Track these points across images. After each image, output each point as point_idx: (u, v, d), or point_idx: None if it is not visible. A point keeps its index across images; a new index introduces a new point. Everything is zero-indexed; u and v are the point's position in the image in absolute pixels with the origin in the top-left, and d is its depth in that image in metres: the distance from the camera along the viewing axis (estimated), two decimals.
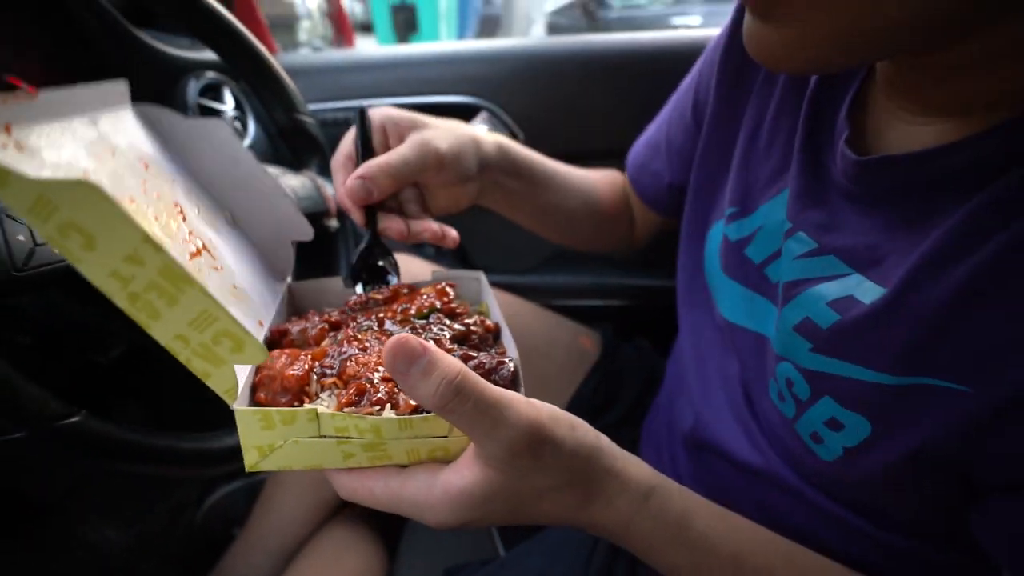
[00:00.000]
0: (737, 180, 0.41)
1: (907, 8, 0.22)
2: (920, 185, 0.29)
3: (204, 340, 0.24)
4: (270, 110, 0.61)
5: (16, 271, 0.30)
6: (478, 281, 0.37)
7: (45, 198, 0.19)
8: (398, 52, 0.94)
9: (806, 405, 0.33)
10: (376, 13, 4.36)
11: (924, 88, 0.29)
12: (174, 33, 0.77)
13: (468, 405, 0.22)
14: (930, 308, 0.27)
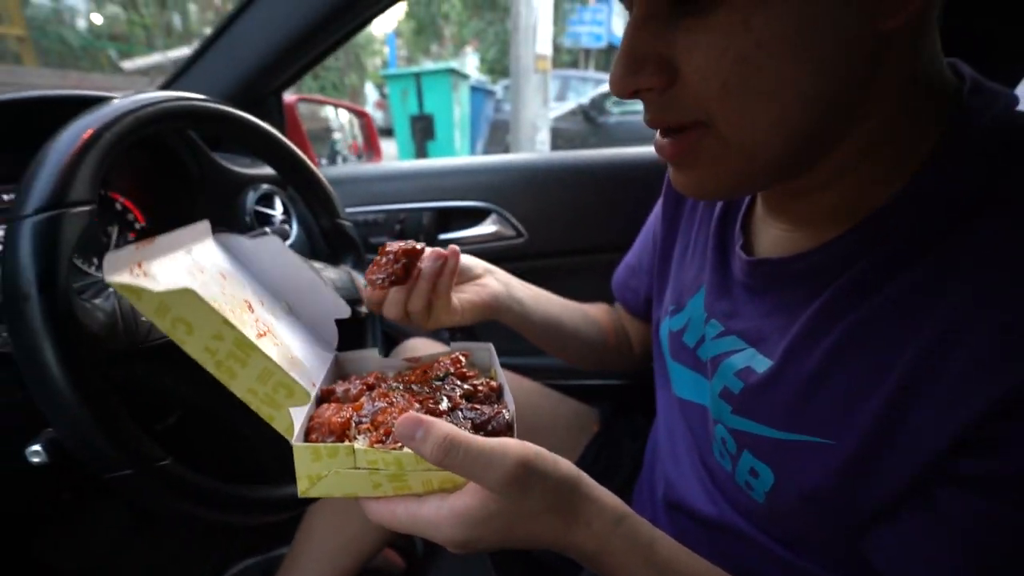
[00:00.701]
0: (674, 283, 0.52)
1: (774, 160, 0.32)
2: (790, 279, 0.37)
3: (267, 391, 0.34)
4: (316, 215, 0.73)
5: (141, 343, 0.40)
6: (488, 351, 0.45)
7: (164, 304, 0.30)
8: (420, 165, 1.10)
9: (736, 458, 0.40)
10: (397, 122, 4.83)
11: (787, 207, 0.38)
12: (237, 153, 0.93)
13: (459, 457, 0.28)
14: (803, 376, 0.34)
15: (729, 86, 0.29)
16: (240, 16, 0.84)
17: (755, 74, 0.28)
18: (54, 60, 5.41)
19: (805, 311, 0.35)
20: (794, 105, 0.29)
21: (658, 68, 0.31)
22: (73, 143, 0.40)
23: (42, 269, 0.35)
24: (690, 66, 0.29)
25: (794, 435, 0.35)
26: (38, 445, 0.41)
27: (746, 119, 0.30)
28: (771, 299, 0.39)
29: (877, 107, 0.30)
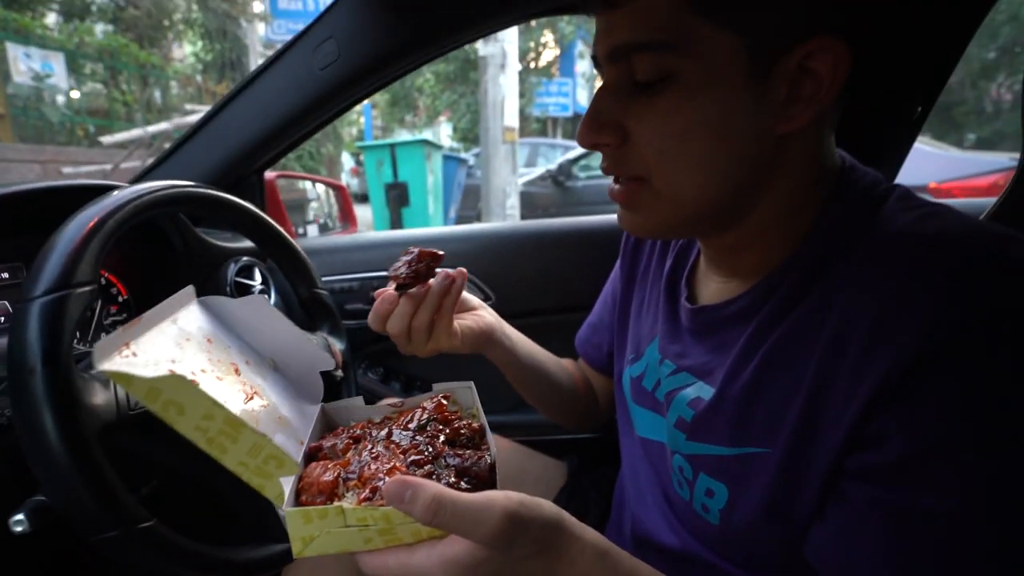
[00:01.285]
0: (632, 335, 0.58)
1: (697, 215, 0.40)
2: (724, 320, 0.44)
3: (258, 463, 0.35)
4: (294, 285, 0.78)
5: (130, 410, 0.43)
6: (470, 389, 0.46)
7: (154, 388, 0.33)
8: (393, 235, 1.17)
9: (692, 483, 0.45)
10: (372, 190, 4.98)
11: (721, 263, 0.46)
12: (218, 227, 0.98)
13: (447, 516, 0.30)
14: (739, 395, 0.40)
15: (664, 154, 0.38)
16: (229, 103, 0.92)
17: (683, 149, 0.37)
18: (31, 134, 5.48)
19: (737, 344, 0.42)
20: (712, 176, 0.38)
21: (614, 130, 0.39)
22: (79, 231, 0.45)
23: (48, 345, 0.39)
24: (638, 133, 0.38)
25: (740, 448, 0.40)
26: (21, 515, 0.43)
27: (675, 180, 0.39)
28: (712, 339, 0.46)
29: (782, 184, 0.39)
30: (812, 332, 0.36)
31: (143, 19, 7.95)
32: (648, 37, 0.36)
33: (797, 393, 0.36)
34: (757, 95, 0.35)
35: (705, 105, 0.36)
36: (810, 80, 0.35)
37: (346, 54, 0.81)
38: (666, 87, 0.36)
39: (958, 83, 8.40)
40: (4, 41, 5.12)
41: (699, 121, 0.36)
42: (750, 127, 0.36)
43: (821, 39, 0.34)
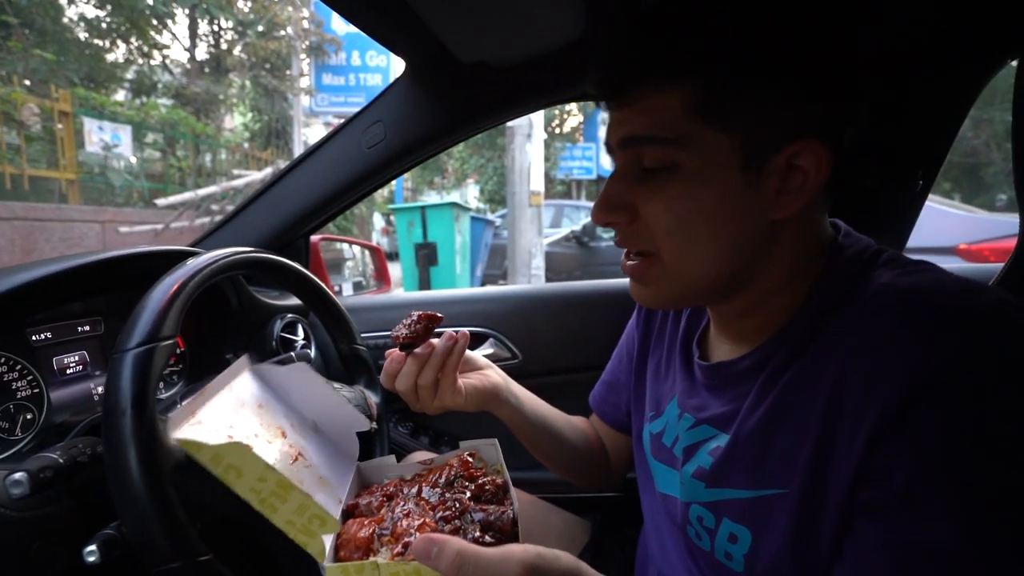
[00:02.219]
0: (651, 394, 0.61)
1: (703, 288, 0.45)
2: (736, 375, 0.48)
3: (303, 522, 0.40)
4: (336, 340, 0.84)
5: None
6: (494, 446, 0.50)
7: (218, 455, 0.38)
8: (426, 295, 1.24)
9: (714, 532, 0.46)
10: (403, 249, 5.17)
11: (730, 326, 0.50)
12: (265, 286, 1.07)
13: (469, 570, 0.32)
14: (753, 440, 0.43)
15: (671, 233, 0.42)
16: (285, 176, 1.03)
17: (687, 230, 0.42)
18: (95, 196, 5.96)
19: (749, 395, 0.45)
20: (714, 254, 0.42)
21: (625, 210, 0.44)
22: (166, 292, 0.53)
23: (138, 390, 0.46)
24: (646, 212, 0.43)
25: (760, 491, 0.43)
26: (93, 546, 0.48)
27: (681, 257, 0.43)
28: (727, 392, 0.49)
29: (779, 259, 0.44)
30: (816, 379, 0.39)
31: (202, 95, 8.75)
32: (655, 133, 0.41)
33: (807, 435, 0.39)
34: (751, 186, 0.40)
35: (704, 194, 0.41)
36: (798, 174, 0.40)
37: (391, 135, 0.91)
38: (671, 175, 0.41)
39: (983, 144, 8.41)
40: (82, 116, 5.70)
41: (699, 207, 0.41)
42: (745, 213, 0.41)
43: (804, 142, 0.39)
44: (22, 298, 0.62)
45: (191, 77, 9.02)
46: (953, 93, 0.83)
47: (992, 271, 0.83)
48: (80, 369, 0.74)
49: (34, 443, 0.65)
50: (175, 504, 0.45)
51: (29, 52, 6.07)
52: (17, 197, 5.02)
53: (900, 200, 0.84)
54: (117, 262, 0.73)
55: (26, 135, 5.38)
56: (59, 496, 0.54)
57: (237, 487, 0.38)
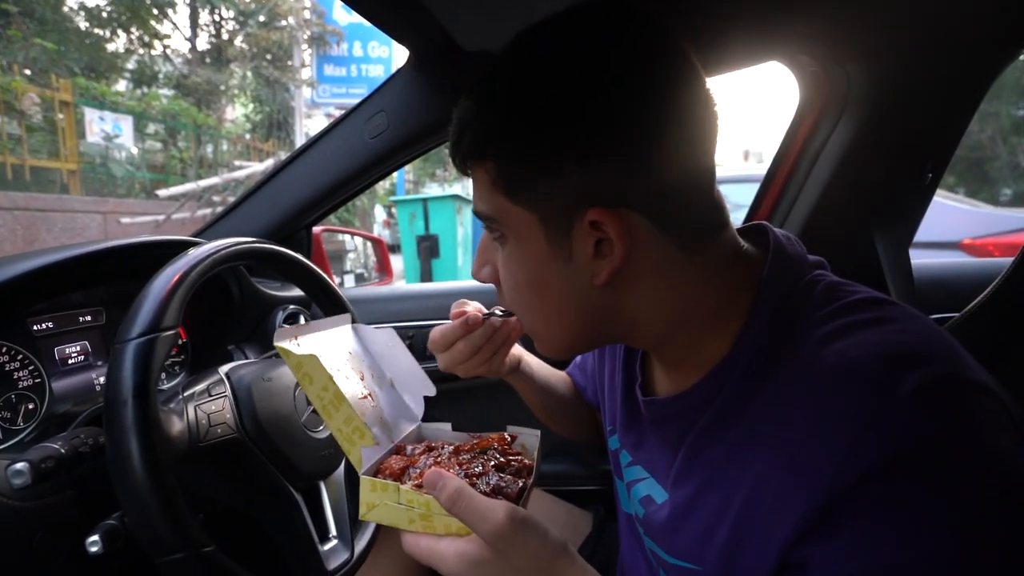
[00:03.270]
0: (608, 408, 0.59)
1: (559, 346, 0.45)
2: (670, 416, 0.45)
3: (348, 431, 0.46)
4: None
5: (200, 442, 0.48)
6: (536, 437, 0.51)
7: (300, 362, 0.45)
8: (427, 288, 1.24)
9: (658, 572, 0.47)
10: (404, 241, 5.17)
11: (655, 357, 0.49)
12: (267, 277, 1.07)
13: (462, 507, 0.36)
14: (679, 510, 0.42)
15: (514, 300, 0.45)
16: (287, 166, 1.02)
17: (520, 297, 0.44)
18: (96, 187, 5.96)
19: (681, 447, 0.43)
20: (549, 319, 0.44)
21: (492, 272, 0.47)
22: (167, 283, 0.52)
23: (140, 380, 0.45)
24: (500, 276, 0.46)
25: (679, 561, 0.43)
26: (96, 536, 0.48)
27: (528, 321, 0.46)
28: (661, 432, 0.47)
29: (643, 313, 0.42)
30: (745, 456, 0.38)
31: (203, 85, 8.72)
32: (480, 208, 0.43)
33: (728, 515, 0.38)
34: (564, 257, 0.40)
35: (525, 265, 0.42)
36: (607, 241, 0.39)
37: (394, 125, 0.90)
38: (504, 246, 0.44)
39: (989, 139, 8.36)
40: (83, 106, 5.68)
41: (524, 278, 0.43)
42: (566, 283, 0.41)
43: (592, 211, 0.38)
44: (24, 287, 0.62)
45: (192, 67, 8.98)
46: (964, 84, 0.82)
47: (999, 266, 0.82)
48: (82, 359, 0.73)
49: (36, 433, 0.65)
50: (177, 495, 0.44)
51: (29, 41, 6.04)
52: (19, 187, 5.01)
53: (909, 193, 0.83)
54: (119, 252, 0.73)
55: (27, 125, 5.36)
56: (61, 486, 0.54)
57: (309, 392, 0.45)
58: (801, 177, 0.95)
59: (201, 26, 9.49)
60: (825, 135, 0.90)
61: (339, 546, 0.61)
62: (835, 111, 0.88)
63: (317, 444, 0.61)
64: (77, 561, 0.52)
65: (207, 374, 0.61)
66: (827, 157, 0.90)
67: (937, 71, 0.81)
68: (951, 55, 0.79)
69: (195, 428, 0.51)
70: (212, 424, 0.52)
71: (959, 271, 1.10)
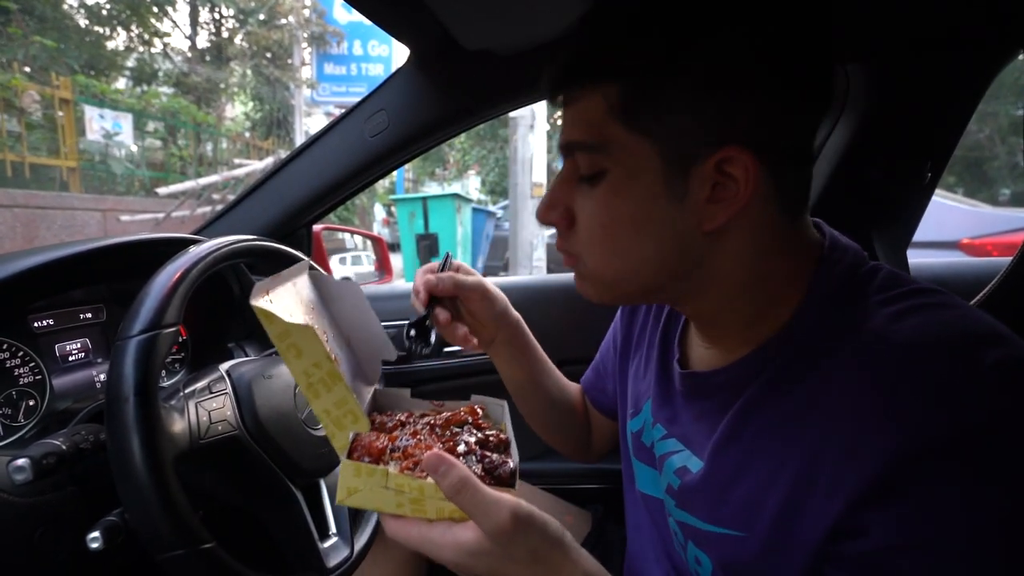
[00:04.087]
0: (632, 390, 0.59)
1: (626, 293, 0.43)
2: (712, 389, 0.45)
3: (338, 414, 0.42)
4: None
5: (200, 439, 0.48)
6: (502, 407, 0.50)
7: (287, 331, 0.40)
8: None
9: (685, 548, 0.46)
10: (404, 240, 5.17)
11: (703, 330, 0.47)
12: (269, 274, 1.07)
13: (467, 497, 0.34)
14: (722, 477, 0.41)
15: (591, 241, 0.42)
16: (288, 164, 1.02)
17: (607, 238, 0.41)
18: (95, 185, 5.95)
19: (724, 418, 0.43)
20: (632, 264, 0.41)
21: (565, 213, 0.43)
22: (169, 280, 0.52)
23: (141, 377, 0.45)
24: (580, 218, 0.42)
25: (719, 528, 0.42)
26: (96, 532, 0.48)
27: (596, 264, 0.43)
28: (699, 405, 0.47)
29: (726, 270, 0.40)
30: (798, 427, 0.37)
31: (203, 83, 8.70)
32: (582, 137, 0.40)
33: (778, 483, 0.38)
34: (677, 195, 0.38)
35: (628, 201, 0.39)
36: (730, 183, 0.37)
37: (395, 124, 0.90)
38: (600, 181, 0.40)
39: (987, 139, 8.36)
40: (82, 104, 5.67)
41: (621, 215, 0.39)
42: (671, 224, 0.38)
43: (729, 149, 0.36)
44: (24, 284, 0.62)
45: (192, 65, 8.97)
46: (963, 84, 0.82)
47: (998, 266, 0.83)
48: (82, 356, 0.73)
49: (36, 430, 0.65)
50: (178, 491, 0.45)
51: (29, 39, 6.03)
52: (18, 185, 5.00)
53: (908, 192, 0.83)
54: (119, 249, 0.73)
55: (27, 122, 5.36)
56: (62, 483, 0.54)
57: (292, 366, 0.41)
58: None
59: (201, 24, 9.49)
60: (824, 135, 0.90)
61: (339, 543, 0.61)
62: (834, 111, 0.88)
63: (317, 441, 0.61)
64: (78, 557, 0.52)
65: (208, 371, 0.61)
66: (826, 156, 0.90)
67: (936, 70, 0.81)
68: (950, 54, 0.79)
69: (196, 425, 0.51)
70: (213, 421, 0.52)
71: (957, 271, 1.10)
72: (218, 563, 0.46)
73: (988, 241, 3.11)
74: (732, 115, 0.36)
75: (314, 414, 0.58)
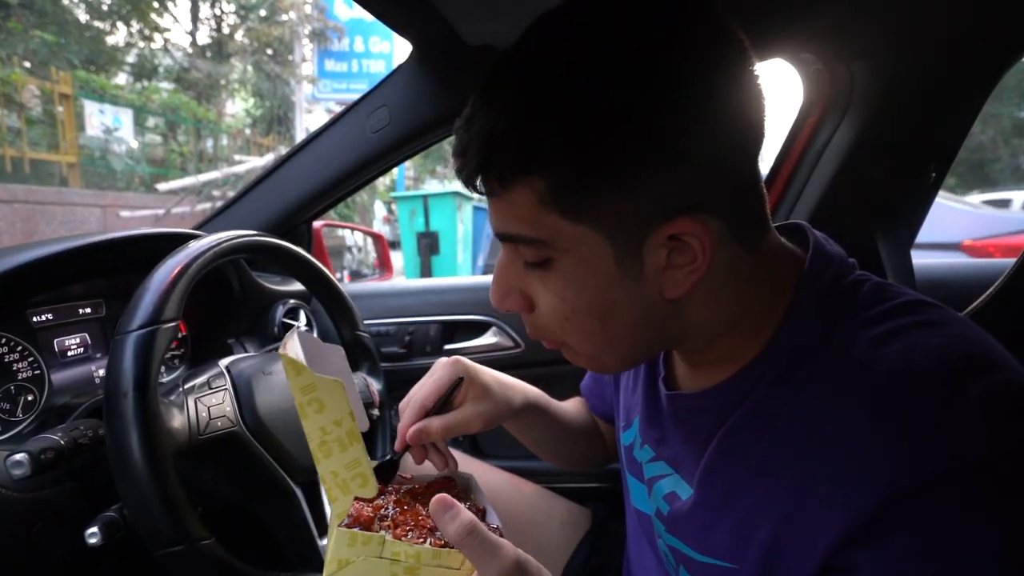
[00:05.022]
0: (623, 402, 0.57)
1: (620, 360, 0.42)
2: (698, 412, 0.43)
3: (346, 476, 0.40)
4: (338, 327, 0.83)
5: (200, 435, 0.48)
6: (470, 479, 0.50)
7: (313, 384, 0.38)
8: (428, 283, 1.23)
9: (677, 570, 0.46)
10: (404, 238, 5.16)
11: (684, 357, 0.46)
12: (268, 271, 1.06)
13: (476, 542, 0.34)
14: (711, 507, 0.40)
15: (566, 328, 0.39)
16: (288, 160, 1.02)
17: (579, 324, 0.38)
18: (95, 180, 5.94)
19: (711, 443, 0.41)
20: (613, 341, 0.39)
21: (520, 297, 0.41)
22: (168, 275, 0.52)
23: (140, 372, 0.45)
24: (539, 304, 0.40)
25: (709, 559, 0.41)
26: (95, 528, 0.48)
27: (585, 344, 0.40)
28: (686, 427, 0.45)
29: (702, 317, 0.39)
30: (784, 458, 0.36)
31: (203, 79, 8.69)
32: (520, 231, 0.37)
33: (767, 514, 0.36)
34: (633, 273, 0.36)
35: (584, 291, 0.37)
36: (685, 247, 0.35)
37: (397, 120, 0.90)
38: (549, 270, 0.37)
39: (990, 140, 8.36)
40: (82, 99, 5.66)
41: (580, 307, 0.38)
42: (634, 300, 0.37)
43: (673, 223, 0.34)
44: (23, 278, 0.62)
45: (192, 61, 8.95)
46: (969, 83, 0.81)
47: (1001, 266, 0.82)
48: (81, 351, 0.73)
49: (35, 425, 0.65)
50: (177, 487, 0.44)
51: (29, 33, 6.01)
52: (18, 180, 5.00)
53: (912, 192, 0.82)
54: (119, 244, 0.72)
55: (27, 117, 5.35)
56: (61, 478, 0.54)
57: (309, 422, 0.38)
58: (804, 176, 0.94)
59: (202, 20, 9.46)
60: (828, 134, 0.90)
61: None
62: (839, 109, 0.88)
63: None
64: (76, 552, 0.52)
65: (207, 367, 0.61)
66: (830, 156, 0.90)
67: (942, 69, 0.80)
68: (956, 53, 0.79)
69: (195, 421, 0.51)
70: (212, 417, 0.52)
71: (961, 271, 1.09)
72: (216, 560, 0.45)
73: (990, 243, 3.10)
74: (663, 190, 0.34)
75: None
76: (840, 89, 0.86)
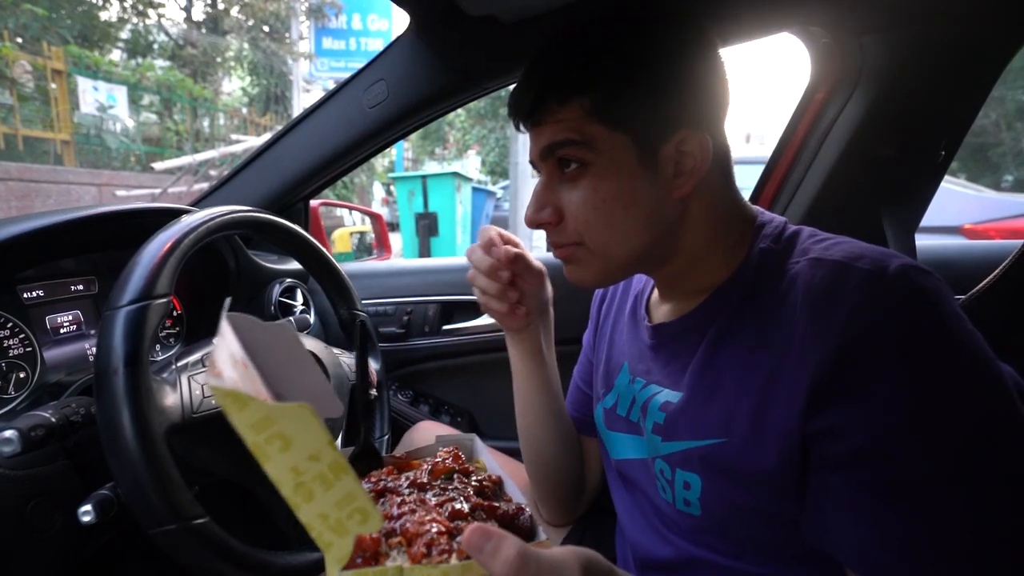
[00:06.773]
0: (604, 371, 0.63)
1: (624, 263, 0.50)
2: (677, 334, 0.52)
3: (340, 516, 0.29)
4: (335, 306, 0.82)
5: (194, 413, 0.47)
6: (472, 441, 0.46)
7: (269, 417, 0.26)
8: (426, 263, 1.22)
9: (672, 482, 0.49)
10: (403, 219, 5.13)
11: (667, 291, 0.56)
12: (265, 250, 1.05)
13: (532, 572, 0.28)
14: (702, 397, 0.47)
15: (590, 222, 0.49)
16: (284, 136, 1.00)
17: (604, 217, 0.48)
18: (90, 159, 5.87)
19: (695, 355, 0.50)
20: (630, 234, 0.49)
21: (553, 211, 0.50)
22: (160, 249, 0.51)
23: (130, 349, 0.44)
24: (569, 210, 0.50)
25: (705, 440, 0.47)
26: (88, 506, 0.47)
27: (602, 240, 0.49)
28: (669, 350, 0.54)
29: (696, 228, 0.50)
30: (759, 344, 0.45)
31: (199, 57, 8.53)
32: (568, 136, 0.48)
33: (750, 390, 0.44)
34: (651, 173, 0.47)
35: (614, 184, 0.47)
36: (688, 158, 0.47)
37: (395, 94, 0.87)
38: (584, 173, 0.48)
39: (992, 124, 8.27)
40: (76, 76, 5.55)
41: (611, 196, 0.48)
42: (651, 196, 0.48)
43: (683, 132, 0.47)
44: (13, 251, 0.60)
45: (188, 37, 8.78)
46: (981, 59, 0.79)
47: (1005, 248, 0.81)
48: (74, 328, 0.72)
49: (28, 402, 0.64)
50: (170, 466, 0.44)
51: (19, 6, 5.87)
52: (11, 157, 4.93)
53: (921, 171, 0.81)
54: (111, 218, 0.71)
55: (19, 94, 5.26)
56: (53, 455, 0.54)
57: (274, 463, 0.27)
58: (811, 152, 0.92)
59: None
60: (837, 110, 0.88)
61: None
62: (848, 85, 0.85)
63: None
64: (70, 530, 0.52)
65: (201, 345, 0.60)
66: (838, 132, 0.88)
67: (954, 45, 0.78)
68: (969, 29, 0.76)
69: (188, 399, 0.50)
70: (206, 395, 0.51)
71: (964, 253, 1.08)
72: (211, 538, 0.45)
73: (991, 227, 3.08)
74: (682, 106, 0.47)
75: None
76: (849, 64, 0.84)
